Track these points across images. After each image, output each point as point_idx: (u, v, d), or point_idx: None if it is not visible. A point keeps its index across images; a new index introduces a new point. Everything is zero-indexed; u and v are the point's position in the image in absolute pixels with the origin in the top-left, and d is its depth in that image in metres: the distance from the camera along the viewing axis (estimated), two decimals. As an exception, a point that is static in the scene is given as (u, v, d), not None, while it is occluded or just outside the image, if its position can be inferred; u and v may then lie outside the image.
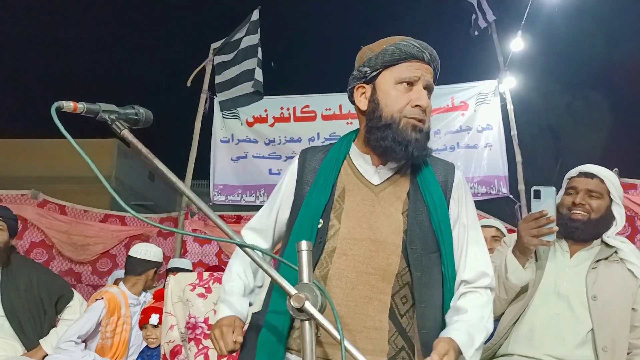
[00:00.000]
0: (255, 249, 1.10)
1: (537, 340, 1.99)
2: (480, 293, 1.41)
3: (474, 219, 1.48)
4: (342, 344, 0.98)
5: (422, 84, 1.39)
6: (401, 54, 1.38)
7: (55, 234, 4.95)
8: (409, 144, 1.35)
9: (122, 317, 3.09)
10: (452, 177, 1.47)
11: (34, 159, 15.10)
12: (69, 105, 1.12)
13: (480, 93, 5.82)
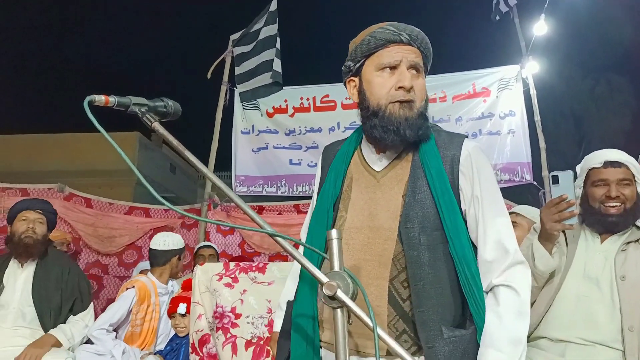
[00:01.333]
0: (287, 238, 1.11)
1: (567, 323, 2.00)
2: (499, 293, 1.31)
3: (490, 191, 1.38)
4: (375, 331, 0.98)
5: (405, 65, 1.38)
6: (377, 41, 1.39)
7: (81, 227, 5.04)
8: (400, 126, 1.35)
9: (152, 305, 3.16)
10: (458, 149, 1.40)
11: (58, 153, 15.35)
12: (101, 98, 1.14)
13: (503, 79, 5.74)
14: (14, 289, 3.00)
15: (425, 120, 1.39)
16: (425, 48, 1.43)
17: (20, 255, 3.06)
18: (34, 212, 3.15)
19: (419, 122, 1.36)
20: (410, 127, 1.35)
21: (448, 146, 1.41)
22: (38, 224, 3.12)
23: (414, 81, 1.38)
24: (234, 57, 6.07)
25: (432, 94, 5.90)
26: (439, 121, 5.82)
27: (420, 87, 1.39)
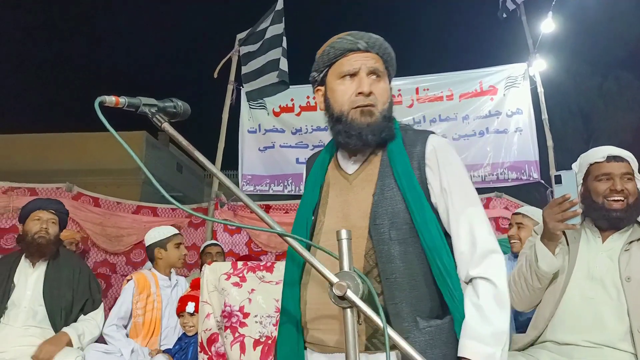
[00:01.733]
0: (296, 239, 1.11)
1: (574, 326, 1.98)
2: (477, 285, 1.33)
3: (458, 183, 1.41)
4: (385, 331, 0.98)
5: (364, 72, 1.43)
6: (336, 51, 1.45)
7: (90, 226, 5.06)
8: (362, 132, 1.40)
9: (153, 295, 3.20)
10: (423, 145, 1.44)
11: (65, 152, 15.43)
12: (111, 99, 1.15)
13: (510, 77, 5.72)
14: (25, 288, 3.02)
15: (388, 122, 1.44)
16: (385, 53, 1.48)
17: (32, 255, 3.08)
18: (47, 212, 3.17)
19: (381, 125, 1.41)
20: (372, 132, 1.40)
21: (414, 143, 1.45)
22: (51, 224, 3.14)
23: (374, 86, 1.43)
24: (240, 56, 6.08)
25: (439, 92, 5.90)
26: (446, 120, 5.81)
27: (381, 91, 1.44)
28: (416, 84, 6.01)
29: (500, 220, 5.41)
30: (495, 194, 5.55)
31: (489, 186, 5.55)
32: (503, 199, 5.54)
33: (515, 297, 2.16)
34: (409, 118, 5.91)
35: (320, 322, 1.38)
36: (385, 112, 1.43)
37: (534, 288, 2.07)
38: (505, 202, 5.52)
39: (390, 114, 1.46)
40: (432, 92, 5.92)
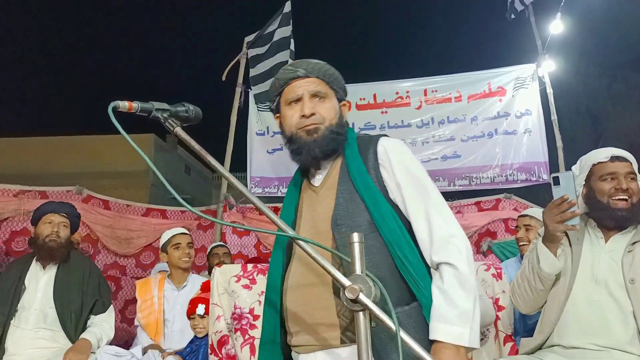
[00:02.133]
0: (308, 242, 1.12)
1: (580, 330, 1.97)
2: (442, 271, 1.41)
3: (409, 177, 1.51)
4: (398, 334, 0.99)
5: (307, 96, 1.57)
6: (281, 81, 1.62)
7: (100, 229, 5.08)
8: (309, 149, 1.54)
9: (153, 297, 3.23)
10: (375, 147, 1.56)
11: (75, 155, 15.54)
12: (125, 104, 1.16)
13: (519, 78, 5.71)
14: (36, 290, 3.03)
15: (336, 134, 1.57)
16: (325, 75, 1.61)
17: (43, 258, 3.09)
18: (59, 216, 3.18)
19: (327, 139, 1.55)
20: (319, 146, 1.54)
21: (367, 147, 1.58)
22: (62, 227, 3.15)
23: (318, 106, 1.57)
24: (248, 59, 6.10)
25: (447, 93, 5.89)
26: (454, 121, 5.80)
27: (326, 109, 1.58)
28: (424, 85, 6.01)
29: (510, 221, 5.39)
30: (505, 195, 5.54)
31: (498, 187, 5.54)
32: (512, 200, 5.52)
33: (519, 300, 2.17)
34: (417, 120, 5.90)
35: (301, 323, 1.49)
36: (333, 127, 1.57)
37: (537, 290, 2.08)
38: (514, 204, 5.50)
39: (340, 128, 1.58)
40: (440, 94, 5.91)
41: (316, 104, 1.57)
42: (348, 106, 1.71)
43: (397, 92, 6.04)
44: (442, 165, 5.70)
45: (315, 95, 1.58)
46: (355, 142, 1.61)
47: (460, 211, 5.53)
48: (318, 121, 1.55)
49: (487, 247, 5.24)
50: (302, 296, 1.49)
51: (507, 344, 2.53)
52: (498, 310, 2.55)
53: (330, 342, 1.43)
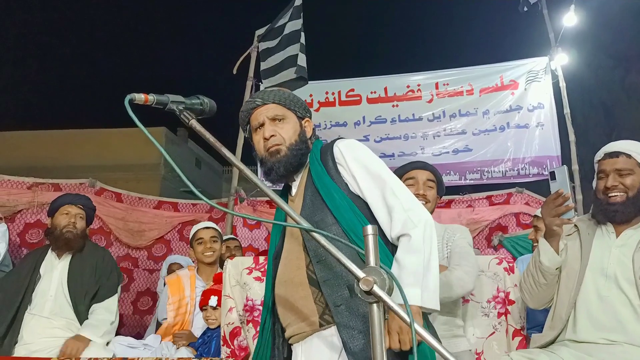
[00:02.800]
0: (322, 234, 1.12)
1: (591, 325, 1.97)
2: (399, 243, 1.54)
3: (364, 168, 1.65)
4: (412, 326, 0.99)
5: (267, 121, 1.73)
6: (244, 113, 1.79)
7: (112, 221, 5.13)
8: (274, 169, 1.71)
9: (186, 298, 3.23)
10: (332, 149, 1.71)
11: (87, 148, 15.65)
12: (140, 97, 1.17)
13: (531, 71, 5.67)
14: (51, 279, 3.08)
15: (297, 150, 1.72)
16: (281, 99, 1.77)
17: (59, 248, 3.14)
18: (76, 207, 3.23)
19: (289, 156, 1.70)
20: (282, 165, 1.70)
21: (326, 151, 1.73)
22: (79, 219, 3.21)
23: (278, 128, 1.73)
24: (259, 52, 6.09)
25: (459, 87, 5.86)
26: (466, 115, 5.78)
27: (285, 130, 1.73)
28: (436, 78, 5.98)
29: (521, 215, 5.37)
30: (516, 189, 5.51)
31: (510, 181, 5.51)
32: (524, 194, 5.49)
33: (526, 294, 2.21)
34: (429, 113, 5.89)
35: (289, 316, 1.64)
36: (293, 146, 1.72)
37: (540, 284, 2.11)
38: (526, 198, 5.48)
39: (301, 144, 1.73)
40: (452, 87, 5.89)
41: (276, 126, 1.73)
42: (311, 121, 1.85)
43: (408, 86, 6.02)
44: (453, 159, 5.68)
45: (274, 118, 1.74)
46: (319, 150, 1.77)
47: (471, 205, 5.51)
48: (278, 142, 1.71)
49: (498, 241, 5.23)
50: (285, 290, 1.65)
51: (515, 338, 2.53)
52: (509, 305, 2.55)
53: (312, 328, 1.57)
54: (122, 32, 36.66)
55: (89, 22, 33.34)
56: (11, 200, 4.76)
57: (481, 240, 5.40)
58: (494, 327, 2.54)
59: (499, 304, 2.56)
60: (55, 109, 23.26)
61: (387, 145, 5.90)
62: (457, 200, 5.55)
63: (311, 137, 1.83)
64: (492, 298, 2.57)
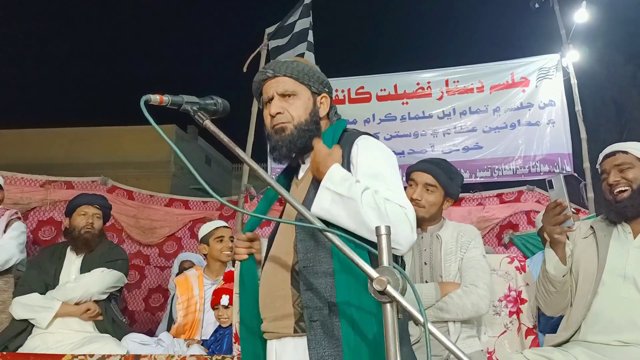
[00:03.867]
0: (335, 234, 1.13)
1: (606, 327, 1.96)
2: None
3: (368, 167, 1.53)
4: (426, 326, 1.00)
5: (276, 96, 1.63)
6: (256, 84, 1.70)
7: (124, 219, 5.17)
8: (277, 147, 1.62)
9: (195, 297, 3.26)
10: (350, 145, 1.60)
11: (98, 145, 15.76)
12: (156, 98, 1.19)
13: (542, 68, 5.62)
14: (69, 273, 3.16)
15: (306, 132, 1.61)
16: (294, 72, 1.64)
17: (78, 247, 3.21)
18: (93, 207, 3.29)
19: (295, 136, 1.60)
20: (286, 145, 1.60)
21: (345, 144, 1.61)
22: (96, 219, 3.27)
23: (287, 104, 1.62)
24: (269, 50, 6.10)
25: (469, 84, 5.83)
26: (476, 112, 5.75)
27: (294, 107, 1.62)
28: (446, 76, 5.95)
29: (532, 213, 5.34)
30: (527, 187, 5.48)
31: (521, 179, 5.48)
32: (535, 192, 5.47)
33: (541, 303, 2.22)
34: (439, 110, 5.86)
35: (267, 311, 1.58)
36: (302, 125, 1.61)
37: (550, 292, 2.13)
38: (537, 196, 5.45)
39: (311, 124, 1.62)
40: (462, 84, 5.86)
41: (286, 102, 1.62)
42: (330, 98, 1.73)
43: (418, 83, 6.00)
44: (463, 157, 5.66)
45: (284, 94, 1.63)
46: (341, 131, 1.66)
47: (481, 203, 5.50)
48: (285, 120, 1.61)
49: (509, 239, 5.21)
50: (268, 285, 1.59)
51: (528, 337, 2.52)
52: (521, 304, 2.55)
53: (286, 331, 1.51)
54: (134, 31, 36.90)
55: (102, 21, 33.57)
56: (24, 198, 4.81)
57: (492, 238, 5.38)
58: (506, 326, 2.54)
59: (510, 302, 2.56)
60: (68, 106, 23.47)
61: (397, 142, 5.88)
62: (467, 198, 5.54)
63: (329, 115, 1.72)
64: (503, 297, 2.56)
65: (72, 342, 2.92)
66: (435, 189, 2.35)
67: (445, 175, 2.38)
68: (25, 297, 3.01)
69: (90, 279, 3.08)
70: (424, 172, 2.38)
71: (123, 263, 3.30)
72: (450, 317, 2.19)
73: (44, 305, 3.00)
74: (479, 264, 2.25)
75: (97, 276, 3.10)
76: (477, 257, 2.28)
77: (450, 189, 2.38)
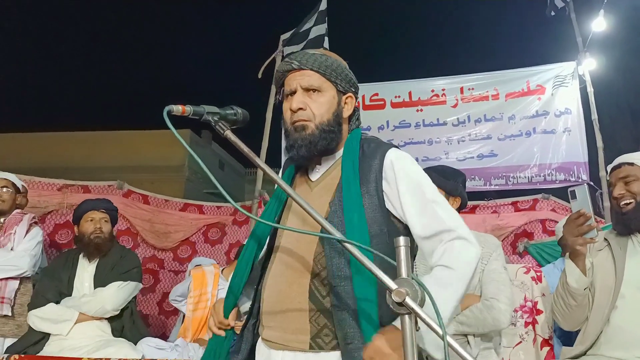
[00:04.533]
0: (354, 245, 1.14)
1: (624, 341, 1.94)
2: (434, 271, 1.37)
3: (412, 185, 1.45)
4: (445, 339, 1.00)
5: (299, 90, 1.51)
6: (279, 74, 1.57)
7: (139, 223, 5.21)
8: (295, 146, 1.50)
9: (207, 293, 3.28)
10: (382, 159, 1.49)
11: (114, 150, 15.91)
12: (178, 108, 1.22)
13: (558, 76, 5.60)
14: (83, 280, 3.19)
15: (328, 132, 1.50)
16: (321, 66, 1.52)
17: (90, 253, 3.23)
18: (99, 212, 3.31)
19: (315, 137, 1.49)
20: (305, 145, 1.48)
21: (373, 155, 1.50)
22: (104, 222, 3.29)
23: (310, 101, 1.51)
24: (284, 57, 6.12)
25: (485, 91, 5.82)
26: (491, 119, 5.73)
27: (317, 105, 1.51)
28: (461, 83, 5.95)
29: (547, 222, 5.30)
30: (542, 195, 5.44)
31: (536, 187, 5.45)
32: (550, 200, 5.42)
33: (559, 317, 2.19)
34: (453, 118, 5.86)
35: (275, 320, 1.46)
36: (324, 125, 1.50)
37: (570, 305, 2.10)
38: (552, 204, 5.40)
39: (333, 125, 1.51)
40: (477, 92, 5.85)
41: (309, 98, 1.51)
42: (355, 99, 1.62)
43: (432, 90, 6.00)
44: (478, 164, 5.64)
45: (309, 89, 1.52)
46: (359, 143, 1.55)
47: (496, 211, 5.46)
48: (306, 117, 1.49)
49: (524, 248, 5.17)
50: (279, 295, 1.46)
51: (544, 348, 2.51)
52: (536, 314, 2.53)
53: (299, 346, 1.41)
54: (151, 38, 37.28)
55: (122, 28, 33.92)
56: (42, 202, 4.87)
57: (506, 247, 5.35)
58: (521, 337, 2.52)
59: (526, 313, 2.54)
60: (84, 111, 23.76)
61: (411, 149, 5.88)
62: (481, 205, 5.51)
63: (352, 118, 1.60)
64: (519, 307, 2.55)
65: (88, 345, 2.95)
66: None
67: (437, 175, 2.32)
68: (41, 311, 3.04)
69: (106, 294, 3.09)
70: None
71: (137, 271, 3.33)
72: (470, 331, 2.17)
73: (62, 317, 3.03)
74: (500, 277, 2.24)
75: (113, 292, 3.11)
76: (498, 270, 2.26)
77: (448, 186, 2.37)
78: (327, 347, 1.39)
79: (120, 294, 3.13)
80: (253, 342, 1.56)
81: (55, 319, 3.02)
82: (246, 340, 1.56)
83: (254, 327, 1.57)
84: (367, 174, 1.48)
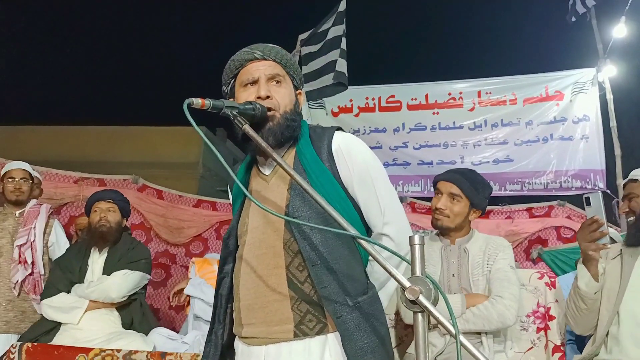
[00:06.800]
0: (370, 242, 1.14)
1: (629, 345, 1.98)
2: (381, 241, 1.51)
3: (361, 171, 1.52)
4: (457, 338, 0.99)
5: (263, 79, 1.50)
6: (236, 63, 1.55)
7: (153, 217, 5.24)
8: (263, 136, 1.43)
9: (213, 272, 3.30)
10: (329, 140, 1.53)
11: (130, 145, 16.02)
12: (198, 101, 1.22)
13: (577, 82, 5.55)
14: (93, 271, 3.23)
15: (291, 121, 1.50)
16: (282, 59, 1.55)
17: (97, 243, 3.27)
18: (105, 202, 3.34)
19: (282, 126, 1.48)
20: (273, 134, 1.46)
21: (321, 138, 1.54)
22: (110, 212, 3.31)
23: (274, 91, 1.50)
24: (301, 56, 6.14)
25: (502, 96, 5.78)
26: (508, 124, 5.69)
27: (281, 95, 1.51)
28: (478, 87, 5.92)
29: (562, 229, 5.25)
30: (558, 202, 5.39)
31: (552, 194, 5.40)
32: (566, 207, 5.36)
33: (571, 320, 2.23)
34: (470, 121, 5.83)
35: (254, 316, 1.46)
36: (288, 114, 1.50)
37: (581, 309, 2.13)
38: (567, 211, 5.34)
39: (295, 115, 1.52)
40: (494, 96, 5.82)
41: (272, 88, 1.51)
42: (303, 95, 1.65)
43: (449, 93, 5.98)
44: (493, 169, 5.61)
45: (272, 78, 1.52)
46: (307, 132, 1.58)
47: (510, 216, 5.42)
48: (273, 106, 1.48)
49: (537, 254, 5.12)
50: (257, 289, 1.46)
51: (555, 354, 2.48)
52: (549, 320, 2.51)
53: (284, 336, 1.42)
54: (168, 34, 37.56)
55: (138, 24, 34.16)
56: (58, 194, 4.94)
57: (520, 253, 5.30)
58: (532, 342, 2.50)
59: (538, 319, 2.52)
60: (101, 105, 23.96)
61: (426, 152, 5.87)
62: (496, 210, 5.47)
63: (300, 112, 1.61)
64: (531, 313, 2.53)
65: (99, 338, 2.98)
66: (460, 198, 2.33)
67: (470, 185, 2.35)
68: (53, 300, 3.09)
69: (111, 282, 3.12)
70: (449, 182, 2.36)
71: (146, 262, 3.35)
72: (475, 328, 2.17)
73: (73, 305, 3.08)
74: (505, 275, 2.23)
75: (117, 280, 3.13)
76: (504, 269, 2.26)
77: (475, 200, 2.35)
78: (311, 333, 1.41)
79: (124, 283, 3.15)
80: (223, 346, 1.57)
81: (66, 307, 3.06)
82: (215, 344, 1.57)
83: (223, 331, 1.57)
84: (320, 154, 1.52)
